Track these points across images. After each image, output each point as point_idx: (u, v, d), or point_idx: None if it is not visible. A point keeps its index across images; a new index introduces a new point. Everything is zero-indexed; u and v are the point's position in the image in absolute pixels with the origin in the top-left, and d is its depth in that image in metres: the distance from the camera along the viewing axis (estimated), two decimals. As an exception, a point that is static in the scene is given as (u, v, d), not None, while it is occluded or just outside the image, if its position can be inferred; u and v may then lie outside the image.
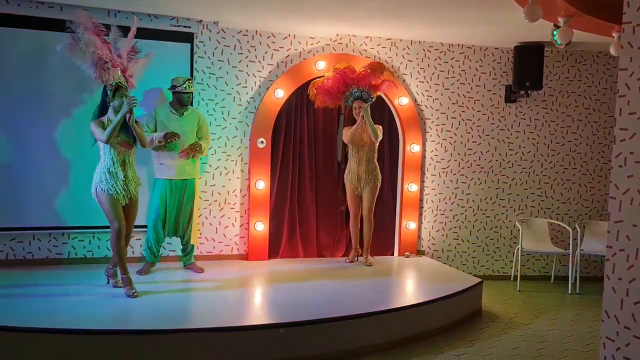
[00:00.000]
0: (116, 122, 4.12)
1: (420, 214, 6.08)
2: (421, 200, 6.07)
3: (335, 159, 5.86)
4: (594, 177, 6.44)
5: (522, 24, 4.06)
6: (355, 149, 5.40)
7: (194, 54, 5.32)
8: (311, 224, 5.76)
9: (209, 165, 5.45)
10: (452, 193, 6.17)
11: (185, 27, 5.23)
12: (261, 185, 5.50)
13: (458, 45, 6.09)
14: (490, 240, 6.29)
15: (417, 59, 5.99)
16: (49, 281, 4.49)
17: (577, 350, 4.20)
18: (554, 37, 4.29)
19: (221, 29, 5.41)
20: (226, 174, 5.53)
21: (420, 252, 6.09)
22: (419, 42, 5.98)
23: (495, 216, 6.29)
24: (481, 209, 6.25)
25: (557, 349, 4.20)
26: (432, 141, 6.09)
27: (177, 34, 5.23)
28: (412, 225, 5.97)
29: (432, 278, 5.16)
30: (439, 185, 6.13)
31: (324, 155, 5.80)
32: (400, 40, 5.92)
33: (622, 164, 2.45)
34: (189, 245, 5.00)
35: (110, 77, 4.21)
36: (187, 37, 5.27)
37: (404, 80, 5.96)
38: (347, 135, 5.40)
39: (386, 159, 5.94)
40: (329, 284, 4.83)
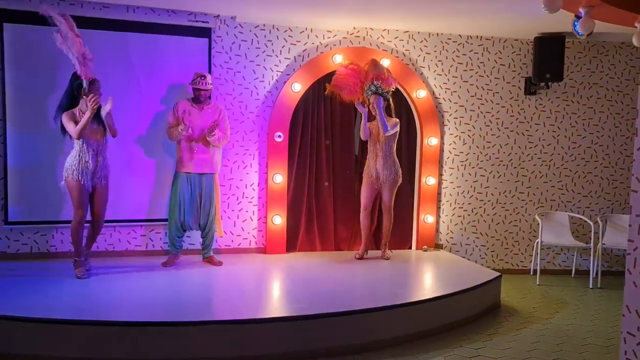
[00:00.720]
0: (84, 121, 4.28)
1: (439, 208, 6.05)
2: (439, 193, 6.04)
3: (353, 152, 5.86)
4: (616, 169, 6.33)
5: (542, 15, 4.00)
6: (371, 143, 5.40)
7: (212, 48, 5.35)
8: (328, 218, 5.77)
9: (227, 160, 5.49)
10: (471, 186, 6.13)
11: (203, 22, 5.25)
12: (279, 179, 5.52)
13: (477, 37, 6.02)
14: (509, 233, 6.24)
15: (435, 51, 5.94)
16: (71, 275, 4.58)
17: (598, 345, 4.15)
18: (575, 28, 4.22)
19: (238, 23, 5.43)
20: (244, 168, 5.56)
21: (438, 246, 6.06)
22: (437, 34, 5.93)
23: (515, 209, 6.23)
24: (500, 203, 6.20)
25: (577, 343, 4.16)
26: (451, 134, 6.05)
27: (195, 29, 5.26)
28: (430, 218, 5.95)
29: (450, 272, 5.14)
30: (457, 178, 6.10)
31: (341, 148, 5.80)
32: (418, 33, 5.88)
33: (644, 157, 2.40)
34: (209, 238, 5.05)
35: (89, 72, 4.35)
36: (205, 32, 5.30)
37: (422, 73, 5.92)
38: (361, 133, 5.41)
39: (404, 153, 5.92)
40: (346, 277, 4.85)
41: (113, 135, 4.55)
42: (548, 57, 5.82)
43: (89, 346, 3.44)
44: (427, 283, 5.02)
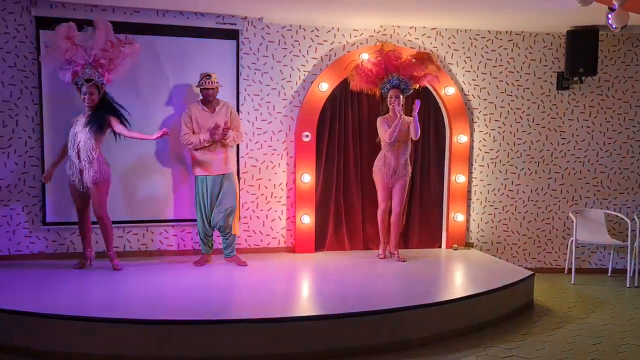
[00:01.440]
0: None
1: (469, 206, 5.97)
2: (469, 191, 5.97)
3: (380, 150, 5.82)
4: (654, 165, 6.15)
5: (574, 7, 3.91)
6: (394, 142, 5.27)
7: (240, 50, 5.40)
8: (357, 216, 5.76)
9: (255, 160, 5.53)
10: (502, 184, 6.03)
11: (230, 24, 5.31)
12: (307, 178, 5.54)
13: (506, 32, 5.92)
14: (542, 232, 6.12)
15: (463, 47, 5.87)
16: (107, 273, 4.69)
17: (635, 345, 4.03)
18: (609, 20, 4.11)
19: (266, 24, 5.47)
20: (272, 168, 5.60)
21: (468, 245, 5.98)
22: (465, 30, 5.85)
23: (547, 207, 6.10)
24: (532, 200, 6.08)
25: (614, 344, 4.05)
26: (480, 131, 5.97)
27: (223, 31, 5.32)
28: (460, 217, 5.88)
29: (481, 270, 5.07)
30: (487, 176, 6.01)
31: (369, 147, 5.77)
32: (446, 30, 5.82)
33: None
34: (230, 237, 5.07)
35: (70, 77, 4.51)
36: (232, 34, 5.35)
37: (450, 70, 5.86)
38: (386, 134, 5.18)
39: (432, 150, 5.87)
40: (376, 276, 4.83)
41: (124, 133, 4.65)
42: (581, 51, 5.68)
43: (119, 344, 3.52)
44: (458, 282, 4.96)
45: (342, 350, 3.70)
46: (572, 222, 5.76)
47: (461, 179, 5.86)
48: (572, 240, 5.72)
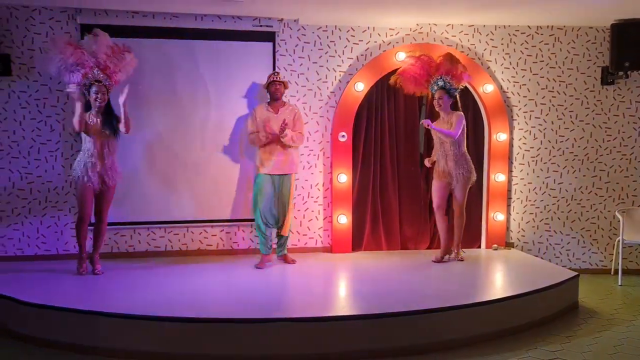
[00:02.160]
0: (78, 112, 4.46)
1: (509, 205, 5.85)
2: (509, 190, 5.84)
3: (417, 150, 5.78)
4: None
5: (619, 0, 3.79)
6: (438, 142, 5.25)
7: (276, 52, 5.45)
8: (394, 216, 5.73)
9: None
10: (543, 182, 5.88)
11: (267, 26, 5.38)
12: (343, 178, 5.54)
13: (547, 27, 5.78)
14: (587, 231, 5.93)
15: (501, 44, 5.75)
16: (149, 273, 4.81)
17: (689, 349, 3.87)
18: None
19: (301, 26, 5.50)
20: (309, 168, 5.63)
21: (509, 245, 5.86)
22: (504, 26, 5.74)
23: (592, 206, 5.92)
24: (575, 199, 5.91)
25: (664, 347, 3.90)
26: (520, 129, 5.84)
27: (260, 34, 5.39)
28: (500, 216, 5.77)
29: (522, 271, 4.96)
30: (528, 174, 5.87)
31: (406, 146, 5.74)
32: (484, 26, 5.72)
33: None
34: (284, 236, 5.16)
35: (79, 77, 4.55)
36: (269, 36, 5.42)
37: (488, 67, 5.75)
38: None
39: (471, 149, 5.76)
40: (414, 277, 4.79)
41: (126, 129, 4.60)
42: (627, 45, 5.48)
43: (164, 342, 3.61)
44: (498, 282, 4.87)
45: (381, 351, 3.69)
46: (619, 221, 5.56)
47: (501, 177, 5.75)
48: (619, 240, 5.53)
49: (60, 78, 4.72)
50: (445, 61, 5.20)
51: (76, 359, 3.60)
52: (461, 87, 5.28)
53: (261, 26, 5.38)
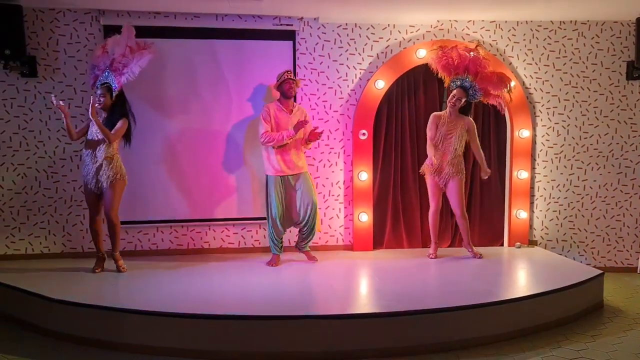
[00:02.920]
0: (65, 124, 4.58)
1: (532, 203, 5.79)
2: (532, 188, 5.78)
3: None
4: None
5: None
6: (441, 138, 5.15)
7: (296, 50, 5.47)
8: (415, 214, 5.71)
9: (313, 159, 5.59)
10: (567, 180, 5.80)
11: (287, 25, 5.39)
12: (364, 176, 5.54)
13: (570, 22, 5.69)
14: (612, 229, 5.83)
15: (524, 40, 5.69)
16: (172, 270, 4.87)
17: None
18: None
19: (321, 24, 5.51)
20: (329, 166, 5.64)
21: (532, 243, 5.80)
22: (526, 22, 5.67)
23: (617, 203, 5.82)
24: (600, 196, 5.81)
25: (694, 347, 3.82)
26: (543, 125, 5.76)
27: (280, 33, 5.41)
28: (523, 214, 5.70)
29: (546, 269, 4.90)
30: (551, 171, 5.80)
31: (426, 144, 5.70)
32: (505, 22, 5.66)
33: None
34: (307, 231, 5.09)
35: (92, 82, 4.69)
36: (289, 35, 5.43)
37: (510, 63, 5.69)
38: (429, 132, 5.14)
39: (492, 146, 5.73)
40: (436, 274, 4.77)
41: (108, 139, 4.57)
42: (653, 38, 5.39)
43: (185, 338, 3.65)
44: (522, 281, 4.82)
45: (403, 349, 3.68)
46: (645, 219, 5.47)
47: (523, 174, 5.68)
48: (645, 238, 5.44)
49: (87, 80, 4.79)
50: (499, 78, 5.20)
51: (101, 355, 3.67)
52: (479, 100, 5.25)
53: (281, 25, 5.40)
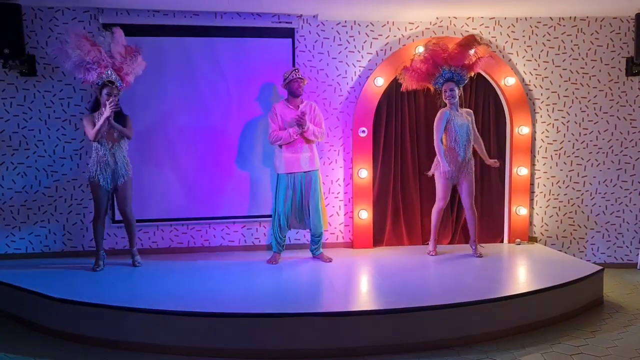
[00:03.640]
0: (99, 125, 4.56)
1: (532, 199, 5.79)
2: (532, 184, 5.78)
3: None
4: None
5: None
6: (454, 136, 5.14)
7: (296, 48, 5.47)
8: (415, 211, 5.71)
9: (313, 156, 5.59)
10: (567, 176, 5.81)
11: (286, 22, 5.39)
12: (364, 173, 5.54)
13: (570, 18, 5.69)
14: (612, 225, 5.84)
15: (523, 36, 5.68)
16: (173, 268, 4.88)
17: None
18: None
19: (320, 21, 5.50)
20: (329, 164, 5.64)
21: (532, 239, 5.81)
22: (525, 18, 5.67)
23: (617, 200, 5.83)
24: (599, 193, 5.82)
25: (693, 343, 3.83)
26: (543, 122, 5.77)
27: (279, 30, 5.41)
28: (523, 210, 5.71)
29: (546, 265, 4.91)
30: (551, 168, 5.80)
31: (426, 141, 5.70)
32: (505, 19, 5.66)
33: None
34: (318, 235, 5.09)
35: (94, 76, 4.57)
36: (288, 33, 5.43)
37: (510, 60, 5.69)
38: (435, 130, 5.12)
39: (492, 142, 5.73)
40: (436, 272, 4.78)
41: (127, 137, 4.74)
42: (652, 34, 5.38)
43: (187, 336, 3.66)
44: (521, 277, 4.82)
45: (403, 346, 3.70)
46: (645, 215, 5.48)
47: (523, 171, 5.69)
48: (645, 234, 5.45)
49: (74, 74, 4.66)
50: (461, 45, 5.06)
51: (103, 353, 3.68)
52: (469, 77, 5.18)
53: (280, 22, 5.40)
